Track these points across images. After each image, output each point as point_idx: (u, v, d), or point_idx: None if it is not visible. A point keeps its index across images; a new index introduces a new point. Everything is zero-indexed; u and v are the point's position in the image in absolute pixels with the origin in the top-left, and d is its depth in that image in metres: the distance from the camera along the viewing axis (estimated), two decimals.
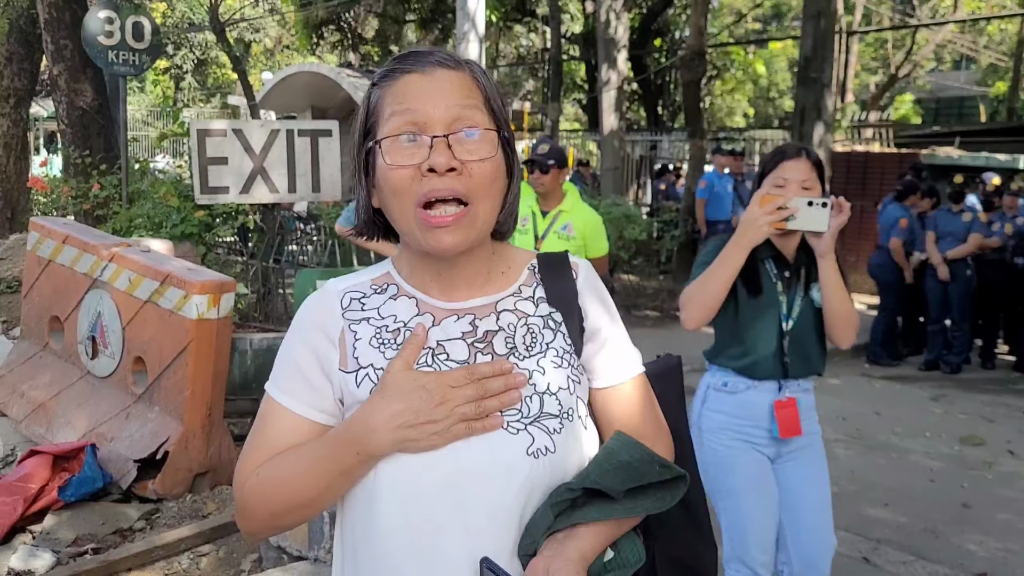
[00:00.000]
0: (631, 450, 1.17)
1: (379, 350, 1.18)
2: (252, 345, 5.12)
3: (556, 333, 1.21)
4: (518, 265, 1.26)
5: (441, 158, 1.10)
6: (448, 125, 1.12)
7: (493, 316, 1.20)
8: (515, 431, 1.14)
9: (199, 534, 3.72)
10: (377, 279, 1.25)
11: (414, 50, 1.19)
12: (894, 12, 23.03)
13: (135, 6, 6.95)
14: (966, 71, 28.75)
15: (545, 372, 1.18)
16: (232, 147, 5.69)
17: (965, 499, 4.81)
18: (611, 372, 1.25)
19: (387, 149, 1.13)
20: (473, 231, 1.14)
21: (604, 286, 1.30)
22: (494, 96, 1.18)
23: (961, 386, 7.60)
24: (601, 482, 1.13)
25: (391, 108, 1.14)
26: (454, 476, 1.11)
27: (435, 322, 1.19)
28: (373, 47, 21.10)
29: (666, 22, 18.72)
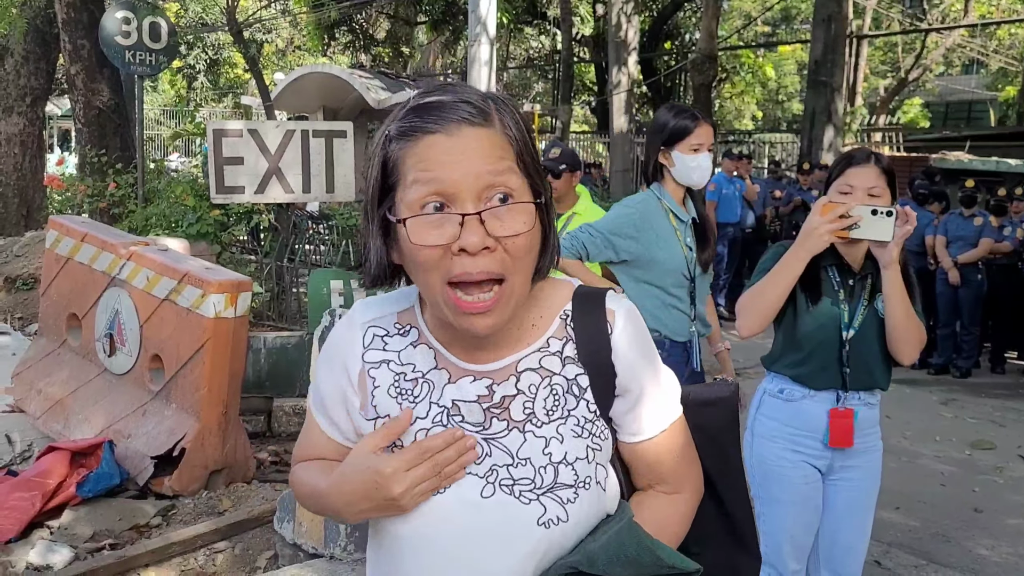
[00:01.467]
0: (639, 545, 1.13)
1: (396, 400, 1.16)
2: (266, 344, 5.16)
3: (580, 400, 1.15)
4: (550, 314, 1.18)
5: (474, 237, 1.01)
6: (478, 195, 1.03)
7: (513, 379, 1.14)
8: (527, 501, 1.11)
9: (215, 531, 3.75)
10: (402, 316, 1.21)
11: (434, 101, 1.06)
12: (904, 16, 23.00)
13: (152, 7, 7.00)
14: (976, 75, 28.67)
15: (563, 440, 1.13)
16: (248, 147, 5.73)
17: (976, 503, 4.81)
18: (641, 428, 1.20)
19: (412, 227, 1.03)
20: (508, 309, 1.07)
21: (645, 332, 1.21)
22: (527, 147, 1.08)
23: (971, 390, 7.59)
24: (607, 571, 1.11)
25: (413, 174, 1.04)
26: (466, 536, 1.11)
27: (451, 379, 1.15)
28: (384, 48, 21.15)
29: (676, 25, 18.73)
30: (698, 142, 2.93)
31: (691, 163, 2.94)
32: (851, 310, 2.50)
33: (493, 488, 1.12)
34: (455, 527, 1.11)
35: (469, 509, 1.11)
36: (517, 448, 1.13)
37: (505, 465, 1.12)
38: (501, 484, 1.12)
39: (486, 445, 1.13)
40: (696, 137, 2.93)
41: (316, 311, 4.69)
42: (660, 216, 3.03)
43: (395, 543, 1.16)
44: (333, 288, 4.92)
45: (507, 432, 1.13)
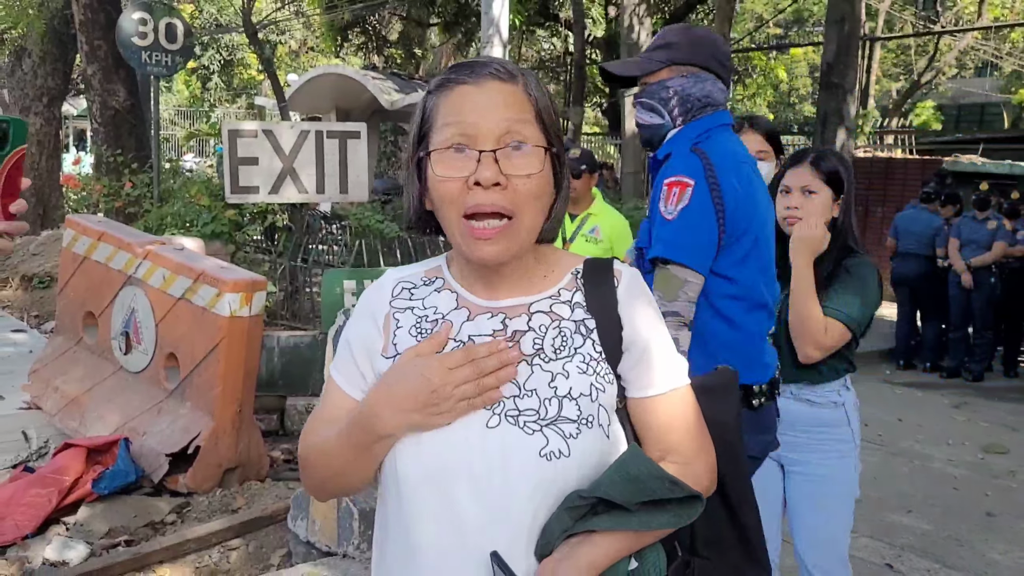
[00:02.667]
0: (640, 464, 1.16)
1: (416, 339, 1.23)
2: (279, 343, 5.19)
3: (586, 339, 1.22)
4: (561, 269, 1.28)
5: (487, 172, 1.13)
6: (497, 139, 1.14)
7: (524, 316, 1.22)
8: (531, 431, 1.15)
9: (229, 528, 3.77)
10: (429, 271, 1.31)
11: (470, 60, 1.21)
12: (917, 18, 22.90)
13: (168, 8, 7.05)
14: (989, 78, 28.51)
15: (568, 376, 1.19)
16: (262, 148, 5.76)
17: (989, 507, 4.80)
18: (648, 383, 1.23)
19: (436, 160, 1.16)
20: (515, 244, 1.17)
21: (650, 295, 1.29)
22: (546, 110, 1.20)
23: (983, 394, 7.57)
24: (610, 493, 1.13)
25: (443, 119, 1.17)
26: (468, 466, 1.15)
27: (470, 317, 1.23)
28: (397, 50, 21.19)
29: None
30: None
31: None
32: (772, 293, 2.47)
33: (499, 419, 1.16)
34: (460, 459, 1.15)
35: (474, 440, 1.16)
36: (524, 380, 1.18)
37: (512, 396, 1.17)
38: (507, 415, 1.17)
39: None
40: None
41: (329, 311, 4.71)
42: None
43: (403, 484, 1.19)
44: (346, 288, 4.95)
45: (516, 364, 1.19)
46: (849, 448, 2.59)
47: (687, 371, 1.28)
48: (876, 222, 11.45)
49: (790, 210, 2.52)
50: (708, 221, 2.09)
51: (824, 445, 2.57)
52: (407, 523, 1.20)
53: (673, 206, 2.11)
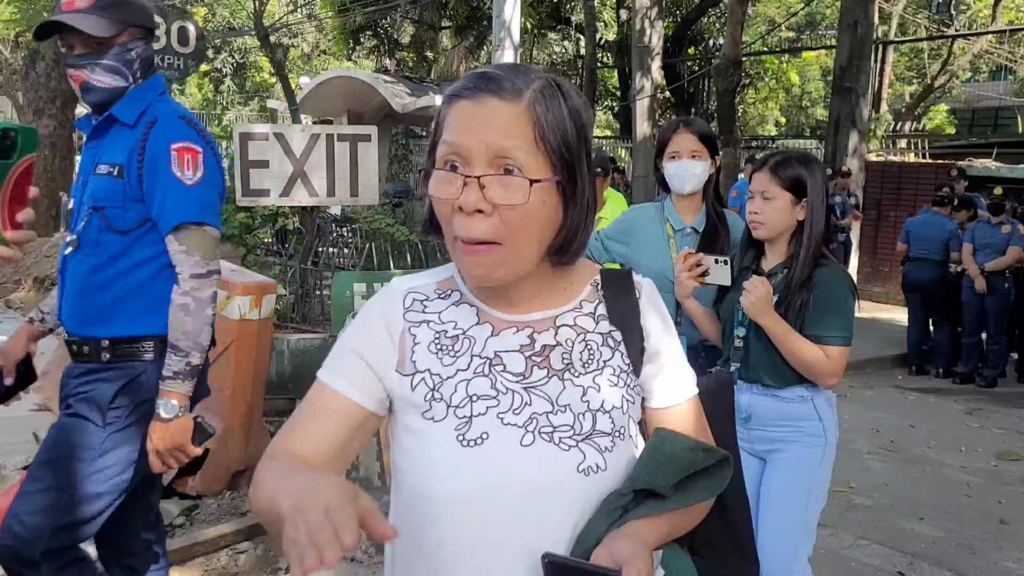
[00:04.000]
0: (673, 442, 1.16)
1: (436, 356, 1.18)
2: (289, 346, 5.19)
3: (615, 352, 1.20)
4: (581, 280, 1.25)
5: (471, 197, 1.07)
6: (488, 162, 1.08)
7: (552, 331, 1.19)
8: (567, 448, 1.13)
9: (238, 531, 3.78)
10: (441, 283, 1.25)
11: (480, 72, 1.14)
12: (930, 22, 22.79)
13: (181, 11, 7.08)
14: (1003, 82, 28.34)
15: (600, 390, 1.17)
16: (273, 151, 5.77)
17: (1002, 515, 4.76)
18: (668, 393, 1.24)
19: (433, 179, 1.12)
20: (508, 270, 1.11)
21: (664, 306, 1.29)
22: (553, 130, 1.10)
23: (996, 400, 7.51)
24: (651, 480, 1.13)
25: (444, 133, 1.12)
26: (507, 488, 1.11)
27: (494, 332, 1.19)
28: (409, 53, 21.24)
29: (700, 30, 18.69)
30: (674, 150, 2.97)
31: (670, 171, 3.00)
32: (743, 311, 2.60)
33: (533, 436, 1.13)
34: (495, 479, 1.11)
35: (509, 459, 1.12)
36: (557, 395, 1.16)
37: (545, 413, 1.15)
38: (540, 432, 1.14)
39: (526, 394, 1.16)
40: (673, 145, 2.99)
41: (339, 314, 4.72)
42: (654, 224, 3.12)
43: (428, 506, 1.14)
44: (356, 291, 4.95)
45: (547, 380, 1.17)
46: (818, 442, 2.60)
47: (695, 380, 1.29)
48: (890, 226, 11.38)
49: (752, 215, 2.60)
50: (217, 183, 2.34)
51: (792, 436, 2.61)
52: (435, 541, 1.14)
53: (192, 172, 2.25)
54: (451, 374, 1.17)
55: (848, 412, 6.80)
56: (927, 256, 8.27)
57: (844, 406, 6.99)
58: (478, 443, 1.13)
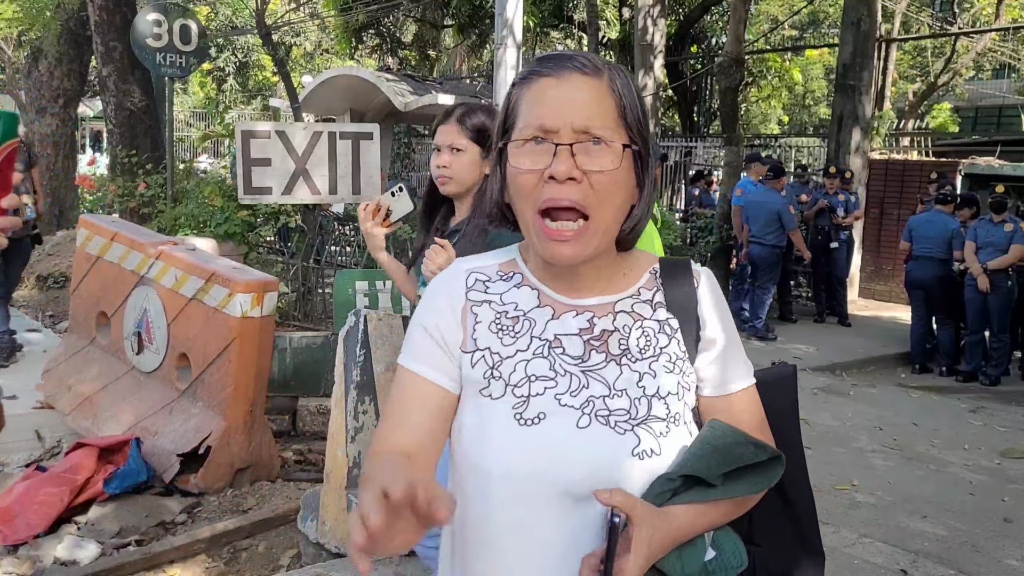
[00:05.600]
0: (724, 434, 1.17)
1: (497, 335, 1.21)
2: (292, 344, 5.19)
3: (671, 339, 1.22)
4: (640, 268, 1.27)
5: (562, 166, 1.11)
6: (575, 133, 1.12)
7: (610, 316, 1.22)
8: (622, 431, 1.15)
9: (239, 528, 3.78)
10: (503, 265, 1.28)
11: (556, 53, 1.19)
12: (934, 20, 22.73)
13: (183, 9, 7.08)
14: (1007, 80, 28.28)
15: (656, 376, 1.19)
16: (275, 149, 5.77)
17: (1006, 513, 4.74)
18: (723, 382, 1.25)
19: (514, 152, 1.15)
20: (589, 246, 1.14)
21: (723, 296, 1.30)
22: (632, 107, 1.16)
23: (1000, 398, 7.49)
24: (698, 468, 1.14)
25: (524, 111, 1.16)
26: (558, 466, 1.13)
27: (554, 315, 1.21)
28: (411, 52, 21.23)
29: (703, 29, 18.66)
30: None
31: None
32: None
33: (589, 419, 1.15)
34: (551, 459, 1.14)
35: (565, 440, 1.14)
36: (614, 379, 1.18)
37: (602, 396, 1.17)
38: (597, 415, 1.16)
39: (583, 377, 1.18)
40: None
41: (341, 311, 4.72)
42: None
43: (488, 480, 1.17)
44: (358, 289, 4.95)
45: (605, 364, 1.19)
46: None
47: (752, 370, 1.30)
48: (892, 224, 11.36)
49: (440, 169, 2.45)
50: None
51: None
52: (486, 516, 1.18)
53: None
54: (510, 354, 1.19)
55: (851, 410, 6.79)
56: (930, 254, 8.26)
57: (847, 404, 6.98)
58: (535, 422, 1.15)
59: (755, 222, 9.15)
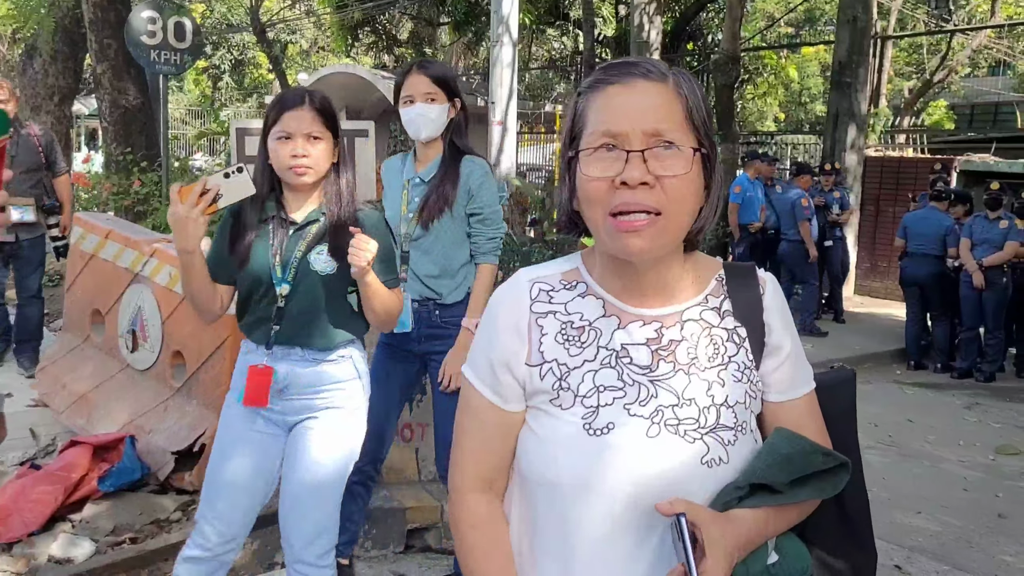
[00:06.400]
0: (793, 442, 1.19)
1: (563, 346, 1.22)
2: None
3: (740, 348, 1.24)
4: (706, 275, 1.28)
5: (635, 172, 1.11)
6: (646, 139, 1.13)
7: (678, 326, 1.22)
8: (691, 440, 1.17)
9: None
10: (567, 274, 1.28)
11: (620, 60, 1.20)
12: (929, 17, 22.76)
13: (177, 7, 7.07)
14: (1003, 77, 28.32)
15: (724, 384, 1.20)
16: None
17: (1000, 509, 4.76)
18: (788, 387, 1.27)
19: (585, 160, 1.16)
20: (662, 240, 1.15)
21: (786, 302, 1.32)
22: (698, 109, 1.18)
23: (995, 395, 7.51)
24: (767, 476, 1.16)
25: (593, 119, 1.17)
26: (633, 477, 1.15)
27: (620, 325, 1.22)
28: (407, 49, 21.20)
29: (699, 26, 18.64)
30: (407, 94, 2.88)
31: (405, 117, 2.91)
32: (283, 264, 2.42)
33: (659, 428, 1.17)
34: (621, 468, 1.15)
35: (635, 449, 1.15)
36: (683, 389, 1.19)
37: (671, 406, 1.18)
38: (666, 424, 1.17)
39: (652, 387, 1.19)
40: (407, 89, 2.89)
41: None
42: (395, 173, 3.07)
43: (554, 489, 1.19)
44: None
45: (673, 374, 1.20)
46: (357, 402, 2.57)
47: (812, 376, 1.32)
48: (889, 221, 11.37)
49: (297, 158, 2.35)
50: None
51: (336, 400, 2.53)
52: (557, 527, 1.20)
53: None
54: (578, 364, 1.21)
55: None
56: (925, 251, 8.27)
57: None
58: (604, 432, 1.17)
59: (782, 219, 9.37)
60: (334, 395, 2.53)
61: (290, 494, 2.56)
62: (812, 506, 1.26)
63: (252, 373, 2.45)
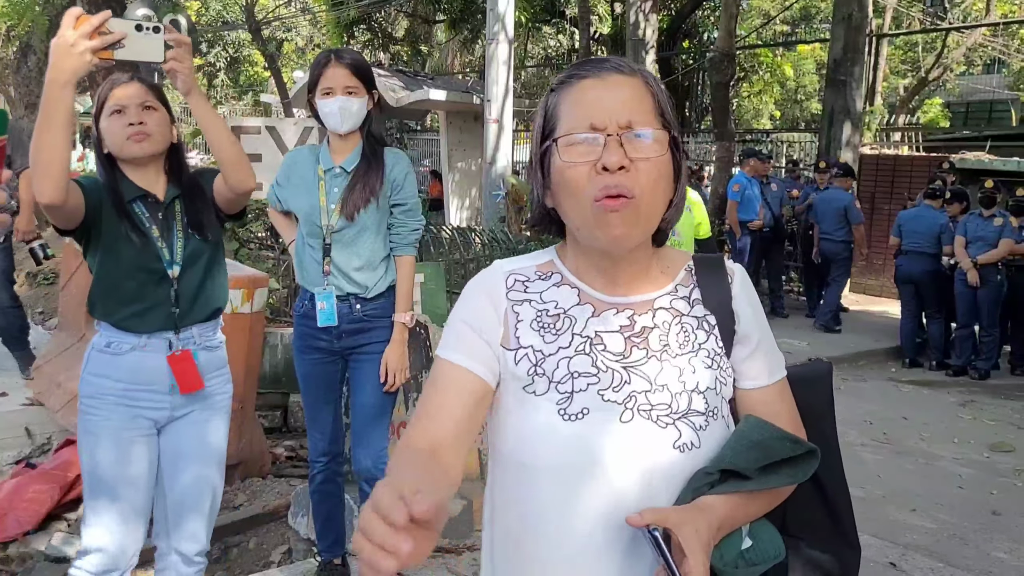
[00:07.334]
0: (761, 430, 1.21)
1: (539, 333, 1.24)
2: (283, 340, 5.18)
3: (710, 335, 1.26)
4: (676, 265, 1.31)
5: (614, 156, 1.14)
6: (621, 126, 1.17)
7: (650, 313, 1.25)
8: (664, 425, 1.19)
9: (230, 525, 3.77)
10: (542, 266, 1.31)
11: (590, 59, 1.25)
12: (925, 15, 22.79)
13: (172, 4, 7.05)
14: (997, 75, 28.36)
15: (696, 371, 1.23)
16: (266, 144, 5.75)
17: (995, 506, 4.77)
18: (758, 374, 1.29)
19: (563, 148, 1.18)
20: (638, 226, 1.18)
21: (755, 291, 1.35)
22: (664, 103, 1.23)
23: (990, 392, 7.53)
24: (735, 462, 1.18)
25: (568, 111, 1.20)
26: (606, 461, 1.17)
27: (595, 313, 1.25)
28: (403, 47, 21.18)
29: (695, 24, 18.65)
30: (327, 86, 2.85)
31: (324, 109, 2.88)
32: (170, 244, 2.37)
33: (632, 413, 1.19)
34: (595, 453, 1.17)
35: (609, 434, 1.17)
36: (656, 374, 1.21)
37: (644, 391, 1.20)
38: (639, 410, 1.19)
39: (625, 373, 1.21)
40: (325, 80, 2.85)
41: None
42: (307, 165, 3.01)
43: (531, 474, 1.20)
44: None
45: (646, 360, 1.22)
46: (229, 395, 2.56)
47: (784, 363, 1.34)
48: (884, 219, 11.39)
49: (135, 126, 2.30)
50: None
51: (220, 387, 2.52)
52: (532, 510, 1.21)
53: None
54: (553, 351, 1.23)
55: (841, 404, 6.77)
56: (919, 249, 8.29)
57: (838, 398, 6.91)
58: (579, 418, 1.19)
59: (823, 219, 9.48)
60: (217, 383, 2.50)
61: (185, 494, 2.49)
62: (785, 493, 1.27)
63: (172, 362, 2.36)
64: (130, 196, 2.36)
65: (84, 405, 2.40)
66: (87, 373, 2.40)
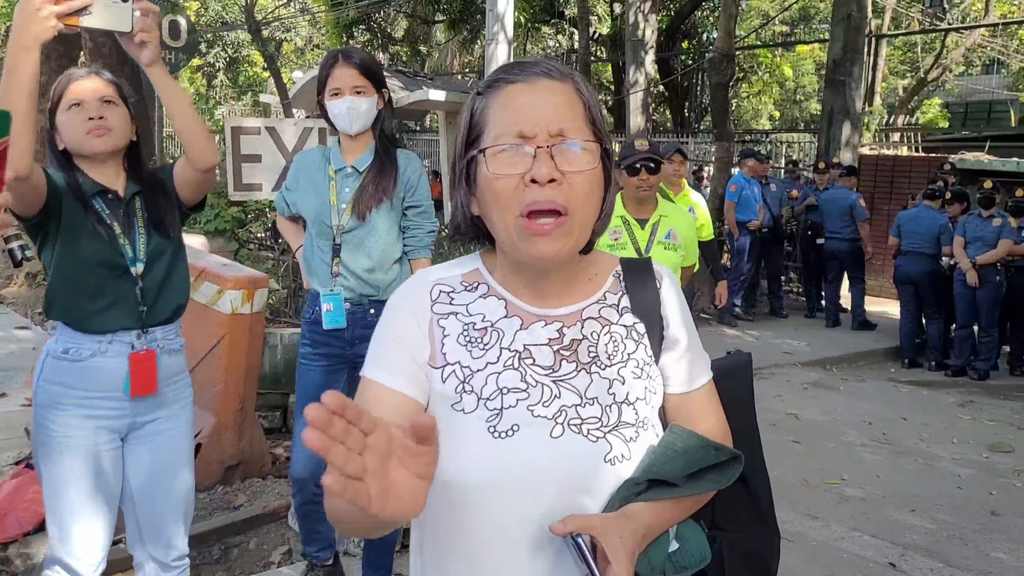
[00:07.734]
0: (686, 439, 1.20)
1: (466, 348, 1.20)
2: (283, 340, 5.18)
3: (638, 345, 1.24)
4: (604, 271, 1.29)
5: (544, 168, 1.11)
6: (551, 136, 1.13)
7: (579, 324, 1.22)
8: (595, 439, 1.17)
9: (230, 525, 3.78)
10: (467, 275, 1.27)
11: (519, 61, 1.20)
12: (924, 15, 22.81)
13: (172, 4, 7.05)
14: (996, 75, 28.39)
15: (625, 382, 1.21)
16: (265, 145, 5.74)
17: (994, 507, 4.77)
18: (687, 378, 1.28)
19: (491, 158, 1.14)
20: (570, 241, 1.14)
21: (683, 294, 1.33)
22: (595, 109, 1.20)
23: (989, 392, 7.54)
24: (662, 471, 1.17)
25: (496, 118, 1.16)
26: (537, 478, 1.14)
27: (523, 326, 1.21)
28: (402, 47, 21.19)
29: (694, 24, 18.67)
30: (335, 86, 2.82)
31: (333, 110, 2.84)
32: (132, 241, 2.32)
33: (562, 428, 1.16)
34: (526, 470, 1.14)
35: (540, 451, 1.15)
36: (585, 388, 1.19)
37: (574, 405, 1.18)
38: (570, 424, 1.17)
39: (555, 387, 1.18)
40: (334, 81, 2.82)
41: None
42: (317, 166, 2.98)
43: (460, 493, 1.16)
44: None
45: (575, 373, 1.20)
46: (190, 399, 2.51)
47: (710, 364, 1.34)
48: (883, 220, 11.40)
49: (95, 120, 2.25)
50: None
51: (183, 392, 2.47)
52: (462, 529, 1.18)
53: None
54: (481, 367, 1.19)
55: (841, 404, 6.82)
56: (919, 250, 8.30)
57: (837, 398, 7.01)
58: (509, 435, 1.15)
59: (829, 218, 9.59)
60: (179, 388, 2.45)
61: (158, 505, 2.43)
62: (709, 496, 1.27)
63: (133, 361, 2.28)
64: (90, 192, 2.30)
65: (40, 416, 2.29)
66: (42, 380, 2.30)
